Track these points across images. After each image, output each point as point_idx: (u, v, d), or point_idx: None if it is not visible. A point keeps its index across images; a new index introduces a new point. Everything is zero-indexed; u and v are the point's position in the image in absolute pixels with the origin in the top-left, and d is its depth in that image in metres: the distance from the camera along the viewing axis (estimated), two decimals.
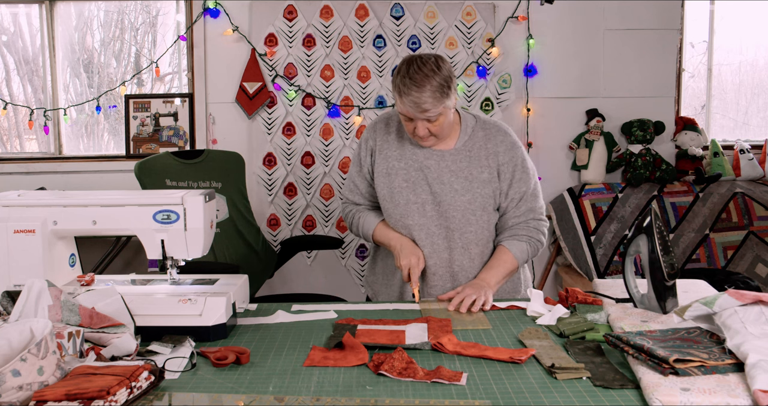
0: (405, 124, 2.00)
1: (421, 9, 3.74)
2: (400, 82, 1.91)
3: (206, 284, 1.78)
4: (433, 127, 1.95)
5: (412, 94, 1.87)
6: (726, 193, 3.82)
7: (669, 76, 3.93)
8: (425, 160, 2.06)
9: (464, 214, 2.04)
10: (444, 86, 1.91)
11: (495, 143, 2.08)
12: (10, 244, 1.71)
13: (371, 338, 1.60)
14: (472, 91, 3.79)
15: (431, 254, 2.07)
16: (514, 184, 2.07)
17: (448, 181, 2.04)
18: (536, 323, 1.70)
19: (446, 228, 2.05)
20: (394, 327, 1.68)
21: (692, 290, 1.88)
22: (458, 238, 2.05)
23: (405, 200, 2.06)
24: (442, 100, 1.90)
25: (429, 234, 2.06)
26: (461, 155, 2.06)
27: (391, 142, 2.11)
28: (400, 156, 2.08)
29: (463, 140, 2.08)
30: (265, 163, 3.79)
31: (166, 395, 1.30)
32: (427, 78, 1.88)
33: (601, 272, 3.70)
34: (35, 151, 3.99)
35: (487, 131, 2.10)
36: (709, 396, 1.17)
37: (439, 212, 2.05)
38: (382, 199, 2.11)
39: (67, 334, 1.35)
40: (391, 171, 2.08)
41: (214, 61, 3.77)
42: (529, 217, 2.09)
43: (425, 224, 2.06)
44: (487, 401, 1.25)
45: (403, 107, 1.92)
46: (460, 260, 2.07)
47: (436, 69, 1.90)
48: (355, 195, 2.20)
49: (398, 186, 2.06)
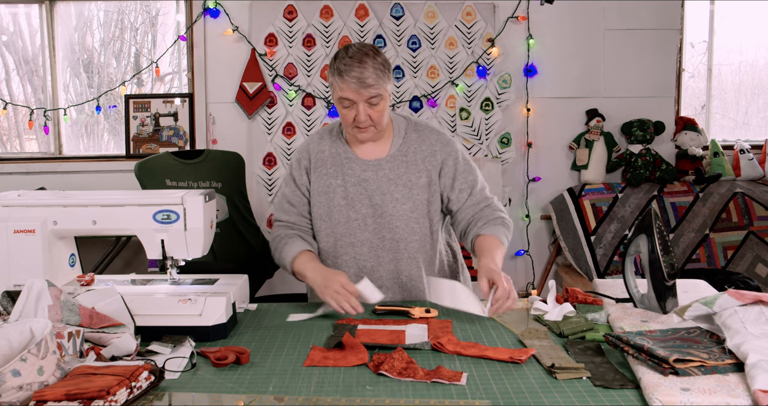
0: (344, 115, 1.93)
1: (421, 9, 3.74)
2: (339, 63, 1.88)
3: (206, 284, 1.78)
4: (374, 113, 1.91)
5: (355, 70, 1.85)
6: (726, 194, 3.82)
7: (669, 76, 3.93)
8: (362, 172, 2.01)
9: (407, 222, 2.00)
10: (384, 67, 1.90)
11: (430, 143, 2.04)
12: (10, 244, 1.71)
13: (371, 338, 1.60)
14: (472, 91, 3.79)
15: (376, 267, 2.02)
16: (458, 176, 2.03)
17: (388, 190, 2.00)
18: (543, 319, 1.69)
19: (390, 239, 2.01)
20: (394, 327, 1.68)
21: (692, 290, 1.88)
22: (404, 248, 2.01)
23: (345, 218, 2.00)
24: (383, 78, 1.89)
25: (372, 248, 2.02)
26: (398, 161, 2.02)
27: (325, 159, 2.04)
28: (336, 172, 2.02)
29: (397, 144, 2.03)
30: (265, 163, 3.79)
31: (166, 395, 1.30)
32: (367, 56, 1.88)
33: (601, 272, 3.70)
34: (35, 151, 3.99)
35: (419, 133, 2.06)
36: (709, 396, 1.17)
37: (380, 225, 2.00)
38: (318, 219, 2.03)
39: (67, 334, 1.35)
40: (328, 189, 2.02)
41: (214, 61, 3.77)
42: (486, 203, 2.04)
43: (368, 239, 2.01)
44: (487, 401, 1.25)
45: (346, 87, 1.87)
46: (408, 270, 2.03)
47: (373, 52, 1.91)
48: (291, 215, 2.07)
49: (337, 204, 2.01)
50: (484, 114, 3.80)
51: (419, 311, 1.79)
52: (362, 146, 2.04)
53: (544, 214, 3.98)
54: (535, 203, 3.96)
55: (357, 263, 2.03)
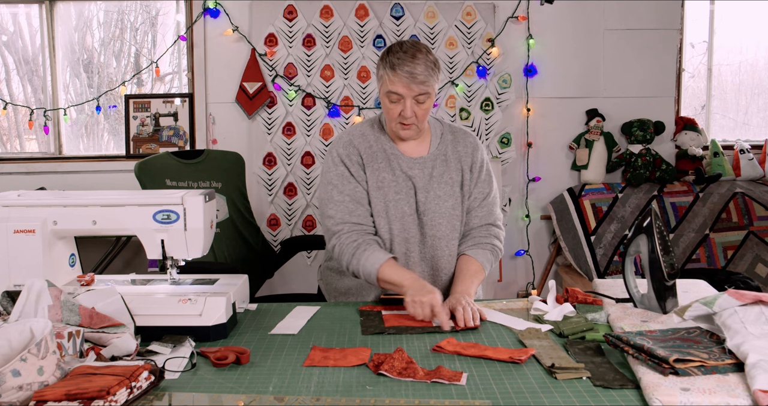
0: (390, 110, 1.94)
1: (421, 9, 3.74)
2: (392, 57, 1.90)
3: (206, 284, 1.78)
4: (419, 111, 1.93)
5: (407, 65, 1.87)
6: (726, 194, 3.82)
7: (669, 76, 3.93)
8: (409, 169, 2.03)
9: (450, 220, 2.03)
10: (435, 65, 1.93)
11: (464, 145, 2.09)
12: (10, 244, 1.71)
13: (399, 321, 1.69)
14: (472, 91, 3.79)
15: (419, 263, 2.05)
16: (479, 184, 2.08)
17: (431, 188, 2.03)
18: (543, 319, 1.69)
19: (432, 237, 2.03)
20: None
21: (692, 290, 1.88)
22: (445, 245, 2.03)
23: (401, 213, 2.01)
24: (433, 76, 1.92)
25: (418, 244, 2.04)
26: (438, 160, 2.06)
27: (375, 154, 2.04)
28: (386, 167, 2.03)
29: (435, 144, 2.08)
30: (265, 163, 3.79)
31: (166, 395, 1.30)
32: (420, 52, 1.91)
33: (601, 272, 3.70)
34: (35, 151, 3.99)
35: (455, 135, 2.12)
36: (709, 396, 1.17)
37: (424, 222, 2.03)
38: (376, 215, 2.01)
39: (67, 334, 1.35)
40: (382, 184, 2.01)
41: (214, 61, 3.77)
42: (489, 220, 2.07)
43: (416, 235, 2.03)
44: (487, 401, 1.25)
45: (397, 81, 1.89)
46: (449, 268, 2.05)
47: (426, 49, 1.94)
48: (358, 215, 1.98)
49: (392, 199, 2.01)
50: (484, 114, 3.80)
51: None
52: (404, 143, 2.06)
53: (544, 214, 3.98)
54: (535, 203, 3.96)
55: (407, 259, 2.05)
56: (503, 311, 1.80)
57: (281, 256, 3.16)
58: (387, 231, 2.02)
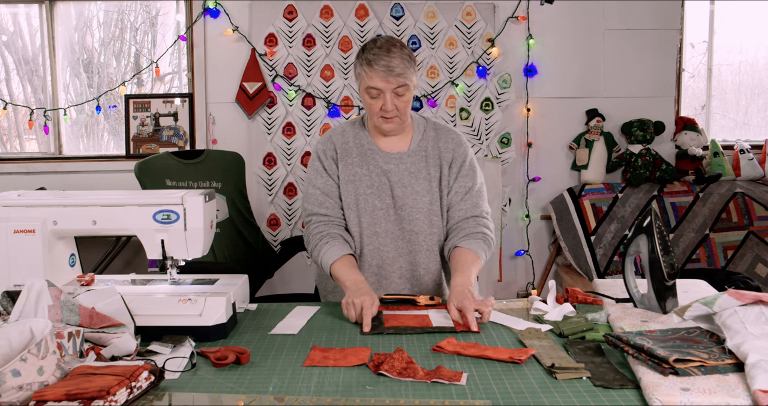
0: (371, 105, 1.98)
1: (421, 9, 3.74)
2: (368, 53, 1.94)
3: (206, 284, 1.78)
4: (400, 103, 1.96)
5: (383, 59, 1.91)
6: (726, 193, 3.82)
7: (669, 76, 3.93)
8: (385, 164, 2.06)
9: (427, 215, 2.05)
10: (410, 58, 1.96)
11: (445, 142, 2.11)
12: (10, 244, 1.71)
13: (399, 321, 1.68)
14: (472, 91, 3.79)
15: (396, 258, 2.07)
16: (459, 178, 2.08)
17: (409, 183, 2.05)
18: (543, 319, 1.69)
19: (410, 231, 2.05)
20: (416, 312, 1.76)
21: (692, 290, 1.88)
22: (423, 240, 2.06)
23: (371, 207, 2.05)
24: (410, 68, 1.95)
25: (394, 239, 2.06)
26: (418, 156, 2.08)
27: (350, 149, 2.08)
28: (361, 162, 2.07)
29: (417, 140, 2.09)
30: (265, 163, 3.79)
31: (166, 395, 1.30)
32: (394, 46, 1.94)
33: (601, 272, 3.70)
34: (35, 151, 3.99)
35: (437, 131, 2.13)
36: (709, 396, 1.17)
37: (401, 216, 2.05)
38: (347, 208, 2.06)
39: (67, 334, 1.35)
40: (354, 178, 2.06)
41: (214, 61, 3.78)
42: (474, 213, 2.07)
43: (390, 230, 2.06)
44: (487, 401, 1.25)
45: (375, 75, 1.92)
46: (426, 263, 2.07)
47: (400, 43, 1.97)
48: (327, 207, 2.07)
49: (363, 193, 2.05)
50: (484, 114, 3.80)
51: (424, 299, 1.85)
52: (385, 139, 2.09)
53: (544, 214, 3.98)
54: (535, 203, 3.96)
55: (380, 253, 2.07)
56: (503, 311, 1.80)
57: (281, 256, 3.16)
58: (356, 224, 2.06)
